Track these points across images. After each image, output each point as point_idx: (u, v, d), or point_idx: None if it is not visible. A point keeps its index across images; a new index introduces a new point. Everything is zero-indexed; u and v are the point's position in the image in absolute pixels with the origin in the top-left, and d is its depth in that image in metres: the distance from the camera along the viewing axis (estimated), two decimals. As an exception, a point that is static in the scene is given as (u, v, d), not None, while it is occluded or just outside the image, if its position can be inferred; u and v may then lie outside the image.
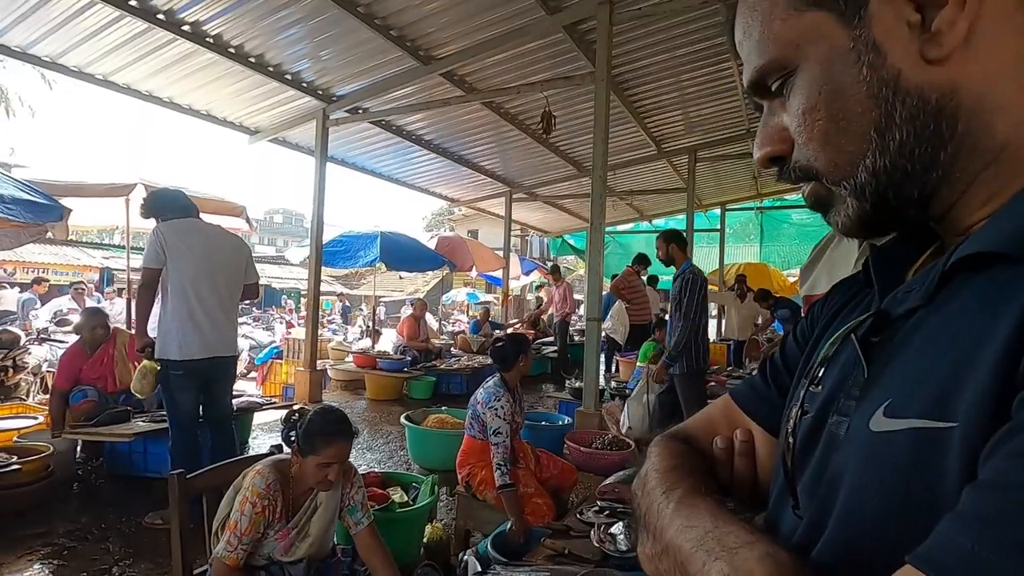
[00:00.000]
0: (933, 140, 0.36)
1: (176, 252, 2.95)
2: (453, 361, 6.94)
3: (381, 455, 4.45)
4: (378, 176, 8.83)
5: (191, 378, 3.00)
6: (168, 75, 5.35)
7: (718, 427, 0.58)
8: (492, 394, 2.66)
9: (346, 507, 1.83)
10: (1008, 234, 0.32)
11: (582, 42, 5.21)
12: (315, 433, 1.70)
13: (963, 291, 0.35)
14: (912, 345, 0.37)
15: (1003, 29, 0.34)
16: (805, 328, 0.56)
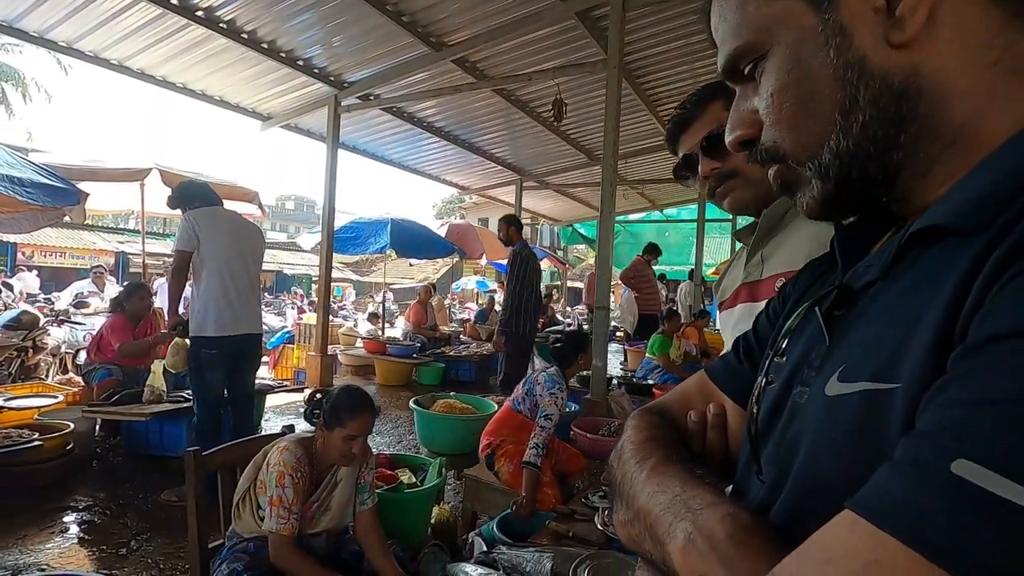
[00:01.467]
0: (895, 122, 0.37)
1: (208, 236, 3.11)
2: (462, 348, 6.99)
3: (390, 439, 4.52)
4: (388, 163, 8.84)
5: (222, 356, 3.13)
6: (182, 61, 5.39)
7: (693, 402, 0.60)
8: (556, 382, 2.70)
9: (358, 485, 1.88)
10: (954, 209, 0.34)
11: (595, 29, 5.16)
12: (342, 407, 1.77)
13: (916, 264, 0.37)
14: (868, 315, 0.39)
15: (965, 15, 0.35)
16: (777, 305, 0.58)
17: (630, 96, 6.57)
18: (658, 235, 14.18)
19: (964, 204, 0.34)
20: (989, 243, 0.30)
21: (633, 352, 7.45)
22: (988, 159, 0.35)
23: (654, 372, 5.55)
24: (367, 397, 1.85)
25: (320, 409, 1.82)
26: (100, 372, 3.93)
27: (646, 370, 5.68)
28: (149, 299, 4.22)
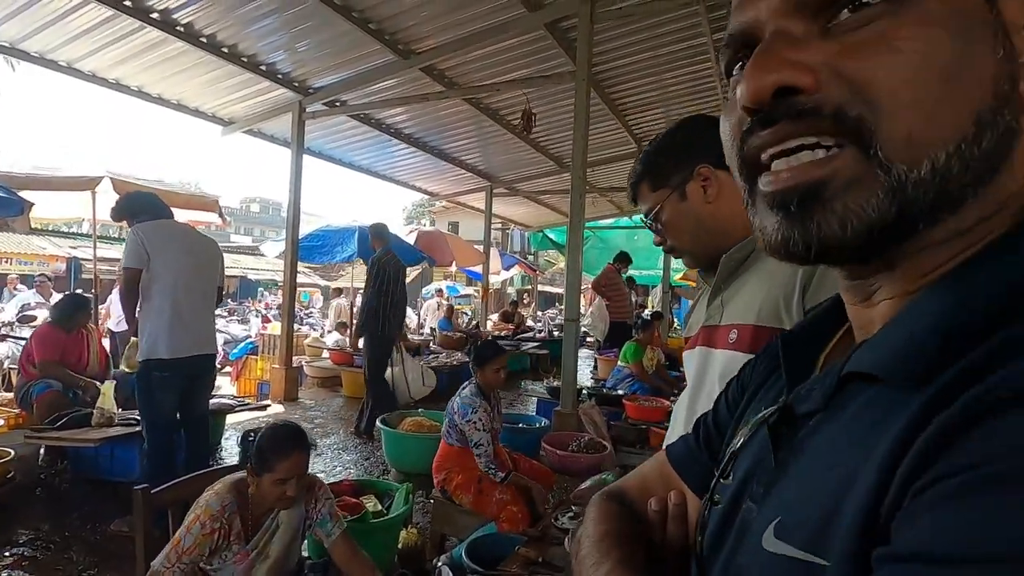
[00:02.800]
0: (991, 167, 0.31)
1: (158, 251, 2.94)
2: (432, 358, 6.90)
3: (357, 455, 4.42)
4: (357, 169, 8.70)
5: (175, 378, 2.98)
6: (137, 63, 5.17)
7: (654, 488, 0.58)
8: (468, 405, 2.66)
9: (314, 521, 1.80)
10: (886, 355, 0.31)
11: (564, 39, 5.18)
12: (266, 449, 1.67)
13: (855, 400, 0.34)
14: (807, 454, 0.36)
15: None
16: (736, 391, 0.56)
17: (599, 105, 6.61)
18: (627, 240, 14.36)
19: (897, 350, 0.31)
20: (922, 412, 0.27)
21: (604, 361, 7.48)
22: (920, 298, 0.32)
23: (624, 381, 5.57)
24: (296, 435, 1.73)
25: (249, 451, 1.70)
26: (38, 386, 3.70)
27: (617, 379, 5.69)
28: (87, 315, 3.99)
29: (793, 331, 0.46)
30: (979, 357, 0.26)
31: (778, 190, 0.33)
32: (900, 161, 0.30)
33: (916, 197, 0.30)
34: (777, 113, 0.32)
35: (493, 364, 2.81)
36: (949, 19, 0.30)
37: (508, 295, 18.19)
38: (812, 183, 0.32)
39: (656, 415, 4.29)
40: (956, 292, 0.30)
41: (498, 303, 16.59)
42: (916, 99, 0.29)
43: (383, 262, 4.80)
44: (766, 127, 0.33)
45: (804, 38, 0.32)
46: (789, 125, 0.32)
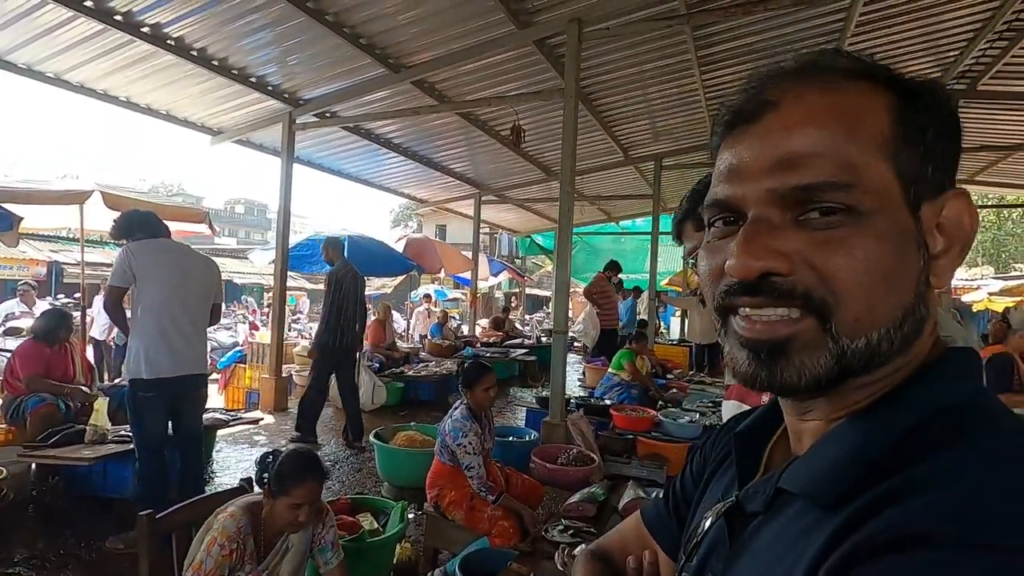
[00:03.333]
0: (907, 345, 0.41)
1: (145, 271, 2.95)
2: (421, 367, 6.95)
3: (349, 467, 4.46)
4: (346, 177, 8.72)
5: (161, 399, 2.98)
6: (126, 75, 5.17)
7: (631, 546, 0.69)
8: (459, 429, 2.70)
9: (317, 547, 1.87)
10: (809, 479, 0.40)
11: (552, 56, 5.28)
12: (285, 475, 1.73)
13: (784, 513, 0.43)
14: (750, 551, 0.45)
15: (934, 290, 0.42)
16: (699, 464, 0.65)
17: (586, 117, 6.73)
18: (614, 244, 14.52)
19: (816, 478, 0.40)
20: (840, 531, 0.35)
21: (592, 369, 7.59)
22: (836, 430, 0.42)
23: (614, 390, 5.66)
24: (314, 462, 1.81)
25: (267, 474, 1.77)
26: (31, 400, 3.70)
27: (605, 387, 5.79)
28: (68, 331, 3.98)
29: (744, 428, 0.55)
30: (883, 493, 0.35)
31: (752, 338, 0.42)
32: (846, 336, 0.40)
33: (853, 361, 0.40)
34: (759, 288, 0.41)
35: (482, 384, 2.85)
36: (892, 236, 0.39)
37: (496, 299, 18.25)
38: (780, 340, 0.41)
39: (643, 425, 4.39)
40: (867, 430, 0.40)
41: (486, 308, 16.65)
42: (865, 295, 0.39)
43: (340, 275, 4.93)
44: (748, 295, 0.42)
45: (781, 226, 0.41)
46: (767, 299, 0.41)
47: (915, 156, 0.41)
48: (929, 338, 0.43)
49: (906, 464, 0.36)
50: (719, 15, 4.52)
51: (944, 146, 0.42)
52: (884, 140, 0.40)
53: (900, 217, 0.40)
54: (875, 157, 0.40)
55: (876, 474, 0.36)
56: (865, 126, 0.40)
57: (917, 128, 0.41)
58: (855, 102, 0.41)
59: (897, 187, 0.40)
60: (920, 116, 0.41)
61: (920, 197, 0.41)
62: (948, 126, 0.42)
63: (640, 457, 4.09)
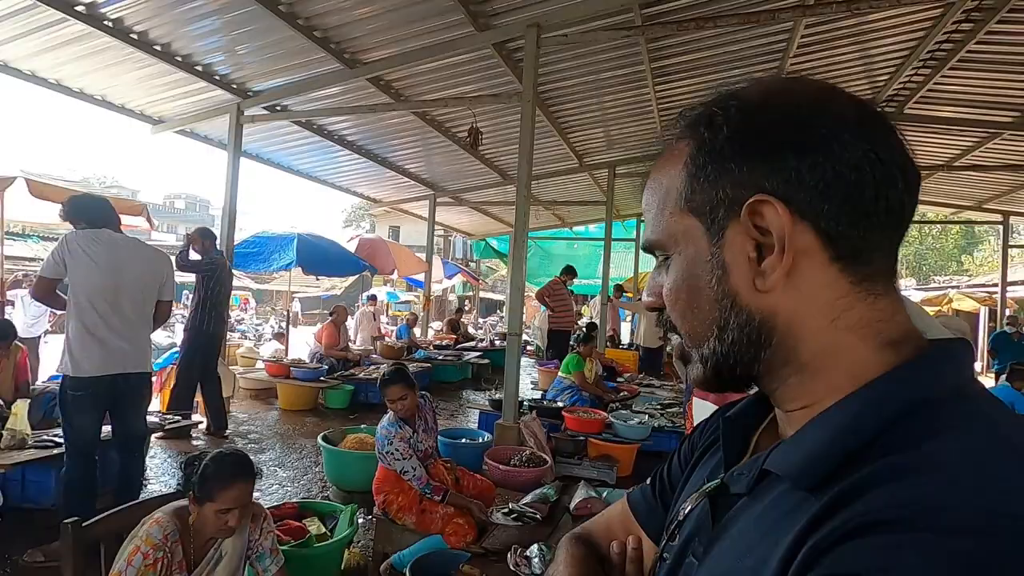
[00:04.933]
0: (755, 345, 0.45)
1: (80, 263, 2.77)
2: (372, 369, 6.80)
3: (295, 472, 4.31)
4: (296, 174, 8.47)
5: (93, 399, 2.81)
6: (57, 56, 4.84)
7: (616, 531, 0.69)
8: (385, 437, 2.68)
9: (254, 554, 1.78)
10: (794, 461, 0.42)
11: (510, 59, 5.31)
12: (210, 478, 1.64)
13: (769, 494, 0.44)
14: (732, 532, 0.46)
15: (816, 279, 0.43)
16: (687, 451, 0.66)
17: (543, 123, 6.80)
18: (567, 248, 14.72)
19: (800, 460, 0.41)
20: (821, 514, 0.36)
21: (544, 372, 7.65)
22: (820, 417, 0.43)
23: (565, 392, 5.72)
24: (240, 463, 1.71)
25: (192, 479, 1.67)
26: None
27: (557, 390, 5.84)
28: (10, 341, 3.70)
29: (733, 413, 0.56)
30: (861, 479, 0.36)
31: (675, 351, 0.53)
32: (692, 346, 0.50)
33: (715, 363, 0.48)
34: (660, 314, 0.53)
35: (387, 395, 2.78)
36: (686, 268, 0.48)
37: (450, 302, 18.13)
38: (682, 352, 0.52)
39: (594, 426, 4.47)
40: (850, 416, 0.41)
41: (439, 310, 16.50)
42: (680, 318, 0.50)
43: (215, 265, 5.01)
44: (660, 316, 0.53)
45: (659, 269, 0.52)
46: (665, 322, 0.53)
47: (707, 191, 0.46)
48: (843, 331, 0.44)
49: (888, 451, 0.37)
50: (672, 29, 4.67)
51: (732, 164, 0.44)
52: (679, 193, 0.48)
53: (696, 249, 0.47)
54: (673, 212, 0.49)
55: (858, 460, 0.38)
56: (669, 191, 0.49)
57: (701, 164, 0.46)
58: (669, 167, 0.50)
59: (696, 224, 0.47)
60: (702, 152, 0.46)
61: (723, 221, 0.45)
62: (754, 136, 0.44)
63: (591, 458, 4.16)
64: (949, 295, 13.28)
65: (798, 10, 4.39)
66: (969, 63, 5.83)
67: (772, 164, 0.43)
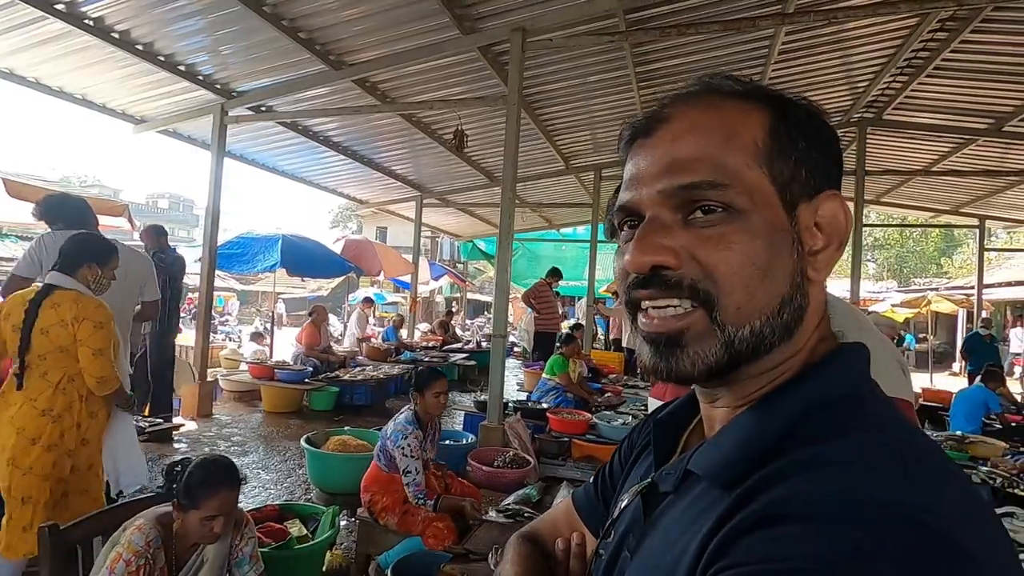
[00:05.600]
0: (789, 332, 0.46)
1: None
2: (358, 371, 6.78)
3: (278, 474, 4.29)
4: (282, 175, 8.41)
5: None
6: (36, 54, 4.77)
7: (561, 529, 0.72)
8: (400, 432, 2.67)
9: (234, 560, 1.77)
10: (711, 462, 0.45)
11: (496, 63, 5.33)
12: (195, 485, 1.63)
13: (690, 492, 0.47)
14: (658, 528, 0.48)
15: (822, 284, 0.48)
16: (626, 450, 0.69)
17: (529, 126, 6.83)
18: (555, 250, 14.77)
19: (717, 460, 0.44)
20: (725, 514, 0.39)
21: (530, 373, 7.68)
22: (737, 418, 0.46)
23: (550, 393, 5.76)
24: (226, 470, 1.70)
25: (176, 485, 1.66)
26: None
27: (542, 392, 5.87)
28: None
29: (663, 416, 0.59)
30: (765, 476, 0.39)
31: (651, 332, 0.47)
32: (731, 324, 0.44)
33: (740, 349, 0.44)
34: (652, 281, 0.46)
35: (432, 388, 2.80)
36: (767, 232, 0.44)
37: (437, 304, 18.10)
38: (673, 332, 0.46)
39: (579, 427, 4.50)
40: (760, 419, 0.44)
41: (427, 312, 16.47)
42: (744, 285, 0.44)
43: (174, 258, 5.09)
44: (645, 288, 0.47)
45: (671, 225, 0.46)
46: (659, 291, 0.46)
47: (788, 163, 0.45)
48: (815, 330, 0.48)
49: (793, 451, 0.40)
50: (656, 34, 4.73)
51: (817, 155, 0.47)
52: (758, 150, 0.45)
53: (774, 216, 0.45)
54: (749, 163, 0.45)
55: (767, 459, 0.41)
56: (740, 137, 0.45)
57: (789, 139, 0.46)
58: (733, 117, 0.46)
59: (772, 190, 0.45)
60: (792, 129, 0.46)
61: (796, 199, 0.45)
62: (820, 138, 0.47)
63: (575, 459, 4.19)
64: (928, 297, 13.54)
65: (777, 18, 4.47)
66: (945, 71, 5.97)
67: (839, 170, 0.48)
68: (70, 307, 2.20)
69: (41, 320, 2.17)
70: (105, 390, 2.24)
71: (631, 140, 0.50)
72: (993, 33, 5.20)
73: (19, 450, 2.08)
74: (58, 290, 2.23)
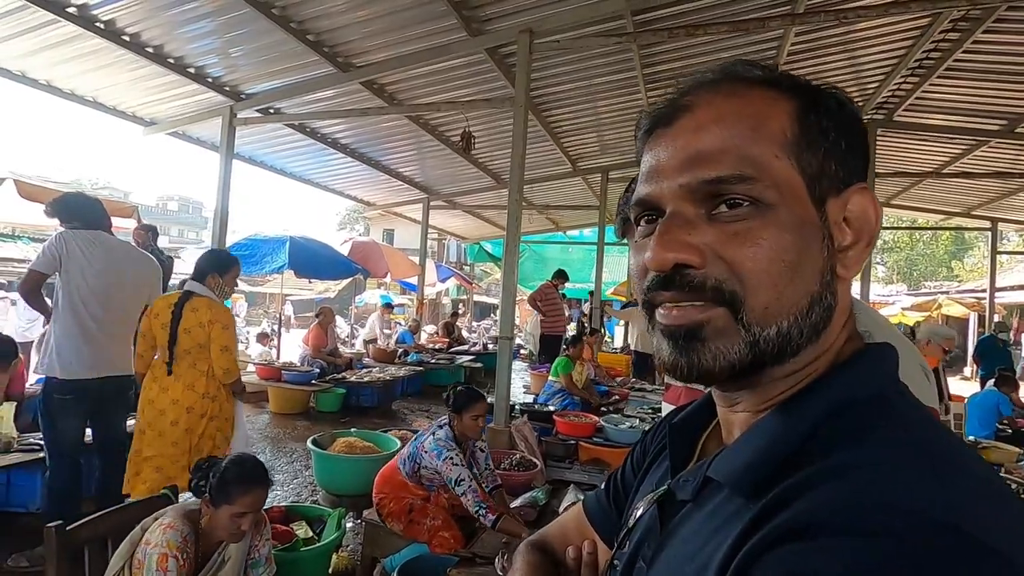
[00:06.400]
0: (817, 331, 0.43)
1: (74, 263, 2.76)
2: (364, 373, 6.79)
3: (285, 475, 4.29)
4: (290, 176, 8.45)
5: (78, 401, 2.78)
6: (47, 57, 4.82)
7: (571, 536, 0.70)
8: (443, 448, 2.55)
9: (251, 560, 1.79)
10: (733, 469, 0.43)
11: (503, 64, 5.33)
12: (230, 481, 1.66)
13: (711, 500, 0.45)
14: (678, 537, 0.46)
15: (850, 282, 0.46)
16: (639, 455, 0.67)
17: (536, 128, 6.82)
18: (561, 253, 14.75)
19: (738, 468, 0.42)
20: (755, 521, 0.37)
21: (536, 376, 7.66)
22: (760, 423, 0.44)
23: (556, 396, 5.74)
24: (260, 469, 1.75)
25: (207, 481, 1.69)
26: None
27: (548, 394, 5.85)
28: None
29: (679, 420, 0.57)
30: (791, 486, 0.37)
31: (670, 325, 0.44)
32: (757, 324, 0.42)
33: (765, 349, 0.42)
34: (674, 281, 0.43)
35: (471, 411, 2.67)
36: (796, 227, 0.42)
37: (444, 305, 18.11)
38: (693, 324, 0.43)
39: (585, 430, 4.47)
40: (784, 422, 0.42)
41: (433, 314, 16.47)
42: (772, 283, 0.41)
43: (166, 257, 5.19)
44: (666, 288, 0.44)
45: (695, 220, 0.43)
46: (681, 293, 0.43)
47: (817, 155, 0.43)
48: (843, 330, 0.46)
49: (818, 456, 0.38)
50: (664, 35, 4.71)
51: (846, 146, 0.45)
52: (786, 140, 0.43)
53: (804, 210, 0.42)
54: (778, 155, 0.42)
55: (792, 465, 0.39)
56: (767, 127, 0.43)
57: (819, 130, 0.44)
58: (759, 106, 0.44)
59: (801, 183, 0.43)
60: (822, 119, 0.44)
61: (825, 193, 0.43)
62: (850, 129, 0.45)
63: (582, 462, 4.16)
64: (939, 300, 13.41)
65: (787, 19, 4.44)
66: (957, 72, 5.91)
67: (863, 161, 0.46)
68: (205, 311, 2.73)
69: (184, 321, 2.71)
70: (229, 379, 2.81)
71: (650, 130, 0.48)
72: (1007, 33, 5.14)
73: (192, 422, 2.73)
74: (195, 296, 2.77)
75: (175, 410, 2.70)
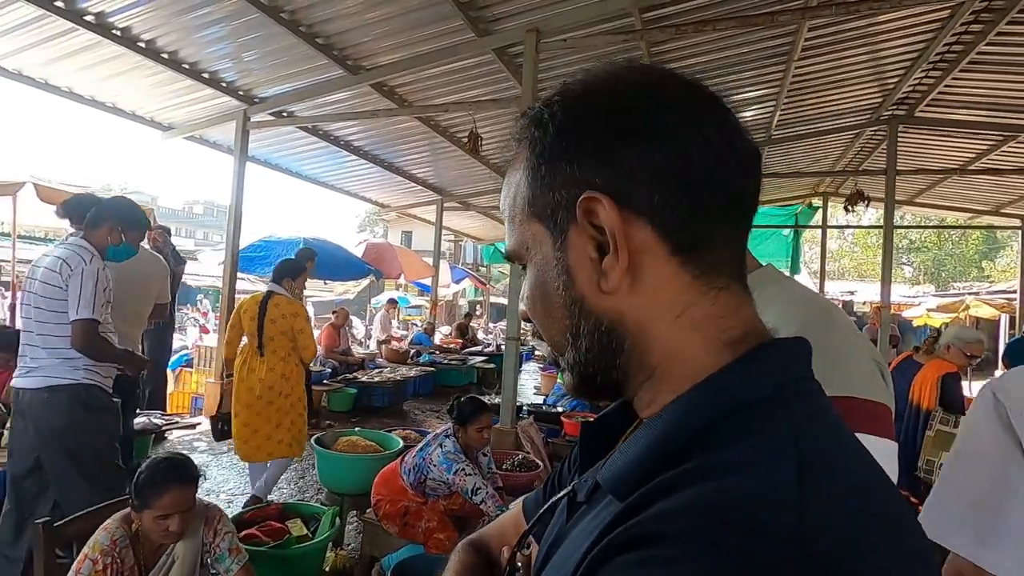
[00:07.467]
0: (608, 352, 0.43)
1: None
2: (376, 373, 6.83)
3: (292, 473, 4.33)
4: (304, 179, 8.57)
5: None
6: (68, 64, 4.97)
7: (508, 536, 0.68)
8: (452, 461, 2.55)
9: (212, 557, 1.76)
10: (612, 473, 0.41)
11: (511, 64, 5.32)
12: (143, 485, 1.61)
13: (597, 503, 0.44)
14: (568, 540, 0.46)
15: (658, 275, 0.40)
16: (576, 455, 0.65)
17: (547, 128, 6.79)
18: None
19: (617, 472, 0.40)
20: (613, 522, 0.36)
21: (547, 377, 7.62)
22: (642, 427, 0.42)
23: (565, 397, 5.70)
24: (175, 467, 1.67)
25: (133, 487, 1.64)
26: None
27: (557, 395, 5.82)
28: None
29: (595, 419, 0.56)
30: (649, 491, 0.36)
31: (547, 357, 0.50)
32: (557, 353, 0.47)
33: (579, 371, 0.45)
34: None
35: (476, 423, 2.67)
36: (542, 271, 0.45)
37: (460, 307, 18.18)
38: (555, 359, 0.50)
39: (592, 432, 4.43)
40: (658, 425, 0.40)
41: (449, 315, 16.55)
42: (540, 322, 0.48)
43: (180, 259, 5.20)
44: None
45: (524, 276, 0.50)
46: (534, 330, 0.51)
47: (544, 192, 0.43)
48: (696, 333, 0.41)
49: (691, 458, 0.36)
50: (672, 32, 4.65)
51: (563, 163, 0.42)
52: (524, 199, 0.45)
53: (546, 252, 0.44)
54: (523, 217, 0.46)
55: (662, 469, 0.37)
56: (517, 196, 0.46)
57: (536, 166, 0.44)
58: (514, 173, 0.47)
59: (541, 228, 0.44)
60: (535, 153, 0.44)
61: (564, 223, 0.43)
62: (560, 142, 0.42)
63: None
64: (966, 301, 12.97)
65: (798, 13, 4.35)
66: (980, 65, 5.72)
67: (600, 158, 0.40)
68: (286, 306, 3.41)
69: (269, 313, 3.36)
70: (310, 358, 3.58)
71: None
72: (1032, 24, 4.96)
73: (273, 397, 3.34)
74: (276, 295, 3.44)
75: (261, 386, 3.32)
